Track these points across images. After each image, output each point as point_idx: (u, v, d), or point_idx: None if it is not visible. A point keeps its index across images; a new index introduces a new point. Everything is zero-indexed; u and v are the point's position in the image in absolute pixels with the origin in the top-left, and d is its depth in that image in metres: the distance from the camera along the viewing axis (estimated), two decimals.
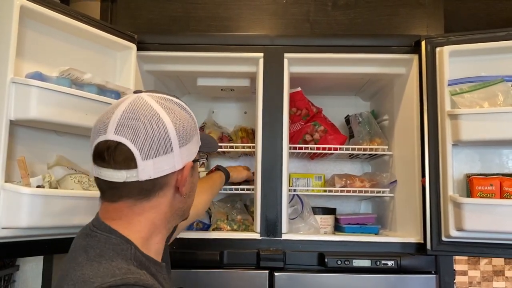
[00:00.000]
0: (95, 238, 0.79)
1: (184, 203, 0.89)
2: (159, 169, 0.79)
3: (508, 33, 1.36)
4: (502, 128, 1.30)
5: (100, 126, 0.80)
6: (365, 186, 1.74)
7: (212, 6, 1.61)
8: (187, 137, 0.82)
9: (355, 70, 1.64)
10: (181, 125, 0.82)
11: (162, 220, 0.85)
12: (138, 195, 0.80)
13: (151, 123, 0.79)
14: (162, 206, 0.84)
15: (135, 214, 0.82)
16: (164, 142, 0.79)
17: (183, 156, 0.82)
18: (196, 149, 0.87)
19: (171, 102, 0.85)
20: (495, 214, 1.28)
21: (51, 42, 1.29)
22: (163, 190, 0.82)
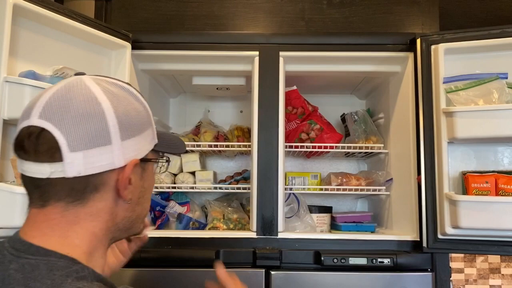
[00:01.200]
0: (30, 267, 0.60)
1: (132, 212, 0.72)
2: (91, 164, 0.63)
3: (503, 30, 1.36)
4: (497, 125, 1.30)
5: (25, 110, 0.66)
6: (361, 185, 1.74)
7: (207, 5, 1.60)
8: (133, 129, 0.68)
9: (350, 69, 1.64)
10: (126, 113, 0.67)
11: (105, 231, 0.69)
12: (68, 197, 0.65)
13: (85, 107, 0.64)
14: (102, 213, 0.68)
15: (69, 223, 0.65)
16: (100, 132, 0.64)
17: (126, 152, 0.67)
18: (148, 146, 0.72)
19: (118, 87, 0.70)
20: (490, 211, 1.29)
21: (45, 41, 1.28)
22: (99, 192, 0.66)
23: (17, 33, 1.17)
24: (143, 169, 0.73)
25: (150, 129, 0.73)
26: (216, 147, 1.78)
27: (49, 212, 0.65)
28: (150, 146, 0.73)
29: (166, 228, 1.73)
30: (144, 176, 0.73)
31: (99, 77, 0.71)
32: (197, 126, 1.97)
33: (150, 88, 1.75)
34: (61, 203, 0.65)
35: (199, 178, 1.83)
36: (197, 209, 1.83)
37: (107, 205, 0.68)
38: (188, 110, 2.08)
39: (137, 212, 0.74)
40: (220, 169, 2.04)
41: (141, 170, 0.72)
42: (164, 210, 1.75)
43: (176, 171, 1.84)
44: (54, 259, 0.62)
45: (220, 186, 1.81)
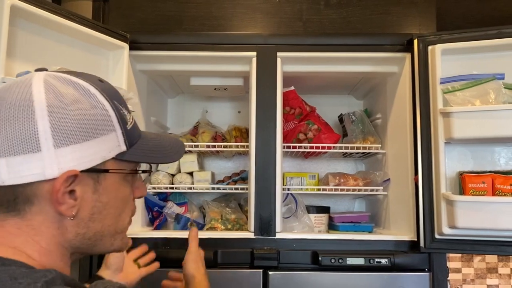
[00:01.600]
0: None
1: (85, 229, 0.63)
2: (16, 173, 0.57)
3: (500, 31, 1.37)
4: (493, 126, 1.31)
5: None
6: (359, 185, 1.74)
7: (204, 5, 1.60)
8: (75, 135, 0.59)
9: (348, 69, 1.64)
10: (65, 117, 0.58)
11: (56, 246, 0.62)
12: (2, 206, 0.59)
13: (13, 108, 0.57)
14: (44, 228, 0.60)
15: (13, 235, 0.60)
16: (28, 137, 0.57)
17: (62, 160, 0.58)
18: (103, 154, 0.62)
19: (72, 86, 0.62)
20: (487, 211, 1.29)
21: (43, 41, 1.28)
22: (34, 204, 0.59)
23: (14, 34, 1.17)
24: (96, 181, 0.63)
25: (109, 135, 0.63)
26: (214, 148, 1.78)
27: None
28: (110, 155, 0.63)
29: (164, 229, 1.73)
30: (99, 189, 0.63)
31: (59, 73, 0.64)
32: (195, 127, 1.97)
33: (148, 88, 1.75)
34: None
35: (197, 179, 1.83)
36: (195, 209, 1.83)
37: (48, 219, 0.61)
38: (186, 110, 2.08)
39: (94, 230, 0.64)
40: (218, 170, 2.04)
41: (94, 182, 0.63)
42: (162, 211, 1.75)
43: (174, 171, 1.85)
44: (14, 267, 0.56)
45: (218, 186, 1.81)
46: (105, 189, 0.64)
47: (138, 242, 1.46)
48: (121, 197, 0.68)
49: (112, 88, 0.68)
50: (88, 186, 0.62)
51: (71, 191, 0.60)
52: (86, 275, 1.42)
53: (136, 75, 1.62)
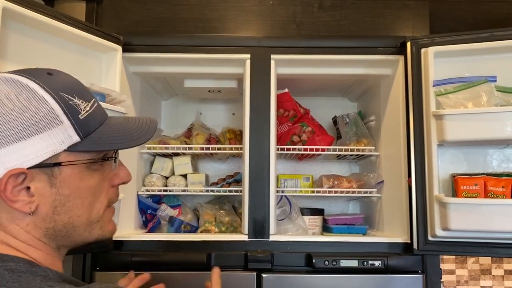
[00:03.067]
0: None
1: (52, 222, 0.64)
2: None
3: (492, 34, 1.38)
4: (486, 128, 1.31)
5: None
6: (353, 187, 1.75)
7: (198, 8, 1.60)
8: (15, 133, 0.59)
9: (341, 71, 1.64)
10: (4, 116, 0.59)
11: (34, 241, 0.64)
12: None
13: None
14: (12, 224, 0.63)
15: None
16: None
17: (6, 161, 0.59)
18: (51, 147, 0.62)
19: (10, 84, 0.61)
20: (479, 214, 1.30)
21: (35, 44, 1.27)
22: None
23: (6, 36, 1.16)
24: (50, 175, 0.63)
25: (55, 129, 0.62)
26: (208, 150, 1.78)
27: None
28: (60, 147, 0.62)
29: (157, 231, 1.73)
30: (56, 183, 0.63)
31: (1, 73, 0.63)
32: (189, 129, 1.96)
33: (141, 90, 1.74)
34: None
35: (191, 181, 1.83)
36: (189, 212, 1.83)
37: (13, 217, 0.62)
38: (180, 112, 2.08)
39: (61, 222, 0.65)
40: (212, 172, 2.04)
41: (47, 176, 0.62)
42: (156, 213, 1.74)
43: (168, 173, 1.84)
44: (12, 264, 0.59)
45: (212, 189, 1.81)
46: (64, 182, 0.64)
47: (131, 244, 1.46)
48: (87, 186, 0.67)
49: (64, 79, 0.66)
50: (43, 181, 0.62)
51: (27, 187, 0.61)
52: (79, 273, 1.41)
53: (129, 77, 1.61)
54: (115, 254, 1.41)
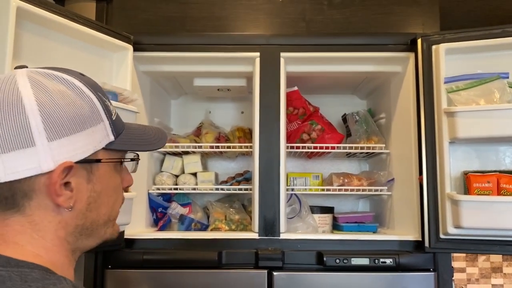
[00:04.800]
0: (1, 278, 0.55)
1: (83, 219, 0.65)
2: (12, 169, 0.57)
3: (504, 30, 1.36)
4: (498, 125, 1.30)
5: None
6: (363, 185, 1.74)
7: (207, 6, 1.60)
8: (66, 128, 0.60)
9: (351, 69, 1.64)
10: (56, 110, 0.59)
11: (60, 242, 0.63)
12: (1, 204, 0.60)
13: (2, 105, 0.57)
14: (46, 222, 0.61)
15: (18, 233, 0.60)
16: (20, 132, 0.57)
17: (57, 153, 0.59)
18: (94, 144, 0.64)
19: (56, 80, 0.62)
20: (492, 211, 1.29)
21: (48, 43, 1.28)
22: (33, 199, 0.60)
23: (20, 36, 1.17)
24: (89, 172, 0.64)
25: (98, 126, 0.64)
26: (218, 148, 1.78)
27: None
28: (100, 145, 0.64)
29: (168, 230, 1.73)
30: (93, 179, 0.65)
31: (40, 69, 0.64)
32: (199, 127, 1.97)
33: (151, 89, 1.75)
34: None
35: (201, 179, 1.83)
36: (199, 210, 1.83)
37: (48, 213, 0.61)
38: (190, 111, 2.08)
39: (90, 219, 0.66)
40: (221, 170, 2.04)
41: (87, 172, 0.64)
42: (166, 212, 1.75)
43: (178, 172, 1.85)
44: (27, 270, 0.57)
45: (222, 187, 1.81)
46: (98, 179, 0.66)
47: (142, 243, 1.46)
48: (113, 186, 0.70)
49: (94, 82, 0.69)
50: (82, 177, 0.63)
51: (67, 183, 0.61)
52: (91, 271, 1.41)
53: (139, 76, 1.62)
54: (127, 252, 1.42)
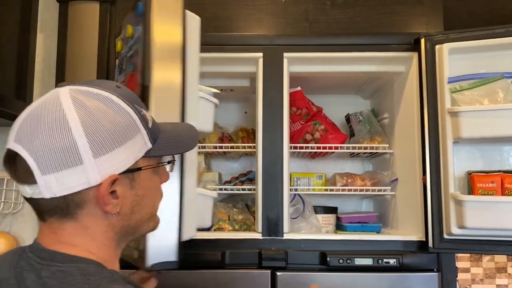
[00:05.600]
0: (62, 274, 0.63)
1: (128, 221, 0.72)
2: (65, 185, 0.64)
3: (508, 29, 1.36)
4: (502, 125, 1.30)
5: (10, 130, 0.67)
6: (366, 185, 1.74)
7: (210, 6, 1.60)
8: (109, 144, 0.65)
9: (354, 69, 1.64)
10: (99, 129, 0.64)
11: (109, 240, 0.71)
12: (56, 214, 0.67)
13: (52, 128, 0.63)
14: (96, 226, 0.69)
15: (73, 235, 0.68)
16: (69, 152, 0.63)
17: (102, 168, 0.65)
18: (135, 154, 0.69)
19: (93, 96, 0.67)
20: (496, 211, 1.28)
21: None
22: (84, 208, 0.67)
23: None
24: (132, 180, 0.70)
25: (136, 137, 0.69)
26: (221, 148, 1.78)
27: (51, 226, 0.68)
28: (140, 154, 0.70)
29: None
30: (135, 185, 0.71)
31: (78, 87, 0.68)
32: None
33: None
34: (54, 218, 0.67)
35: (204, 179, 1.84)
36: None
37: (98, 219, 0.68)
38: None
39: (135, 219, 0.73)
40: (225, 170, 2.05)
41: (130, 180, 0.70)
42: None
43: None
44: (83, 265, 0.65)
45: (225, 187, 1.81)
46: (140, 184, 0.72)
47: None
48: (153, 187, 0.77)
49: (130, 92, 0.73)
50: (126, 185, 0.69)
51: (112, 191, 0.68)
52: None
53: None
54: None
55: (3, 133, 1.73)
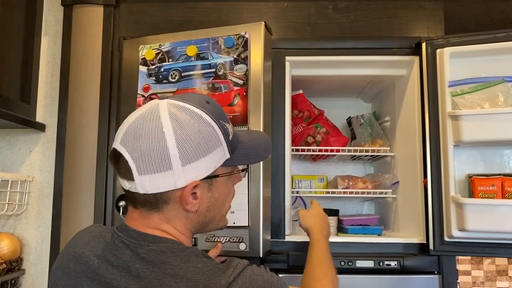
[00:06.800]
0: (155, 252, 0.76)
1: (203, 217, 0.84)
2: (156, 185, 0.76)
3: (508, 34, 1.37)
4: (503, 129, 1.31)
5: (117, 131, 0.81)
6: (368, 187, 1.75)
7: (213, 11, 1.61)
8: (194, 154, 0.76)
9: (356, 72, 1.65)
10: (188, 140, 0.76)
11: (186, 230, 0.83)
12: (146, 206, 0.80)
13: (151, 137, 0.75)
14: (176, 219, 0.81)
15: (157, 223, 0.80)
16: (162, 159, 0.75)
17: (187, 174, 0.77)
18: (215, 163, 0.80)
19: (186, 111, 0.78)
20: (496, 214, 1.29)
21: None
22: (169, 204, 0.79)
23: None
24: (210, 184, 0.82)
25: (218, 149, 0.80)
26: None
27: (142, 213, 0.81)
28: (219, 163, 0.81)
29: None
30: (212, 189, 0.83)
31: (175, 101, 0.79)
32: None
33: None
34: (144, 208, 0.80)
35: None
36: None
37: (179, 214, 0.81)
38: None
39: (209, 217, 0.85)
40: None
41: (208, 185, 0.81)
42: None
43: None
44: (171, 244, 0.78)
45: None
46: (217, 188, 0.83)
47: None
48: (228, 190, 0.88)
49: (217, 107, 0.84)
50: (205, 188, 0.81)
51: (193, 193, 0.79)
52: None
53: None
54: None
55: (8, 134, 1.75)
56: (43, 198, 1.74)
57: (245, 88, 1.35)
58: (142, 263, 0.75)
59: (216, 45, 1.39)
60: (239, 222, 1.30)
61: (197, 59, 1.41)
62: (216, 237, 1.33)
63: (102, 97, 1.56)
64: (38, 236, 1.72)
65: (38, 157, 1.76)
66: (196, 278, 0.73)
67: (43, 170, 1.75)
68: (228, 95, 1.36)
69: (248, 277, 0.75)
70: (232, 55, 1.36)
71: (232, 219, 1.28)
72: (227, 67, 1.36)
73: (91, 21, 1.59)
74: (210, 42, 1.40)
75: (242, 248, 1.31)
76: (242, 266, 0.77)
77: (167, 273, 0.73)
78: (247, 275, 0.76)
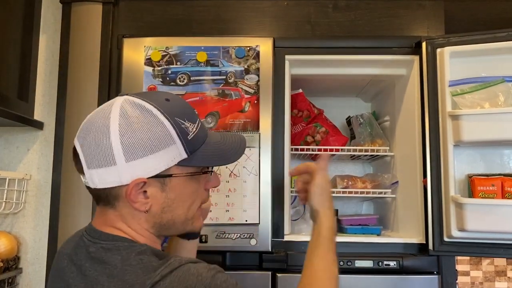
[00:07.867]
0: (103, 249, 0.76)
1: (159, 219, 0.81)
2: (103, 180, 0.76)
3: (508, 33, 1.36)
4: (503, 129, 1.30)
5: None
6: (367, 187, 1.74)
7: (213, 9, 1.61)
8: (141, 151, 0.75)
9: (356, 72, 1.64)
10: (133, 137, 0.74)
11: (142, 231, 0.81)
12: (100, 202, 0.80)
13: (97, 132, 0.75)
14: (130, 217, 0.80)
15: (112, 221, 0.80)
16: (106, 154, 0.74)
17: (133, 171, 0.75)
18: (166, 162, 0.77)
19: (138, 108, 0.77)
20: (496, 214, 1.29)
21: None
22: (120, 201, 0.78)
23: None
24: (163, 184, 0.79)
25: (170, 148, 0.77)
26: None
27: (101, 210, 0.81)
28: (172, 163, 0.78)
29: None
30: (166, 189, 0.79)
31: (132, 98, 0.78)
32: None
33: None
34: (101, 205, 0.81)
35: None
36: None
37: (132, 212, 0.79)
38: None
39: (166, 219, 0.81)
40: None
41: (161, 184, 0.78)
42: None
43: None
44: (120, 243, 0.77)
45: None
46: (172, 188, 0.80)
47: None
48: (189, 192, 0.83)
49: (178, 106, 0.81)
50: (156, 187, 0.78)
51: (145, 191, 0.77)
52: None
53: None
54: None
55: (6, 133, 1.75)
56: (41, 197, 1.73)
57: (256, 96, 1.46)
58: (90, 262, 0.76)
59: (227, 54, 1.48)
60: (250, 220, 1.40)
61: (206, 65, 1.48)
62: (227, 234, 1.40)
63: (101, 95, 1.55)
64: (35, 234, 1.72)
65: (36, 156, 1.75)
66: (125, 278, 0.71)
67: (41, 169, 1.75)
68: (239, 102, 1.46)
69: (179, 276, 0.71)
70: (242, 65, 1.47)
71: (244, 217, 1.41)
72: (237, 75, 1.47)
73: (90, 19, 1.59)
74: (221, 50, 1.48)
75: (253, 244, 1.40)
76: (176, 264, 0.72)
77: (105, 272, 0.73)
78: (179, 274, 0.71)
